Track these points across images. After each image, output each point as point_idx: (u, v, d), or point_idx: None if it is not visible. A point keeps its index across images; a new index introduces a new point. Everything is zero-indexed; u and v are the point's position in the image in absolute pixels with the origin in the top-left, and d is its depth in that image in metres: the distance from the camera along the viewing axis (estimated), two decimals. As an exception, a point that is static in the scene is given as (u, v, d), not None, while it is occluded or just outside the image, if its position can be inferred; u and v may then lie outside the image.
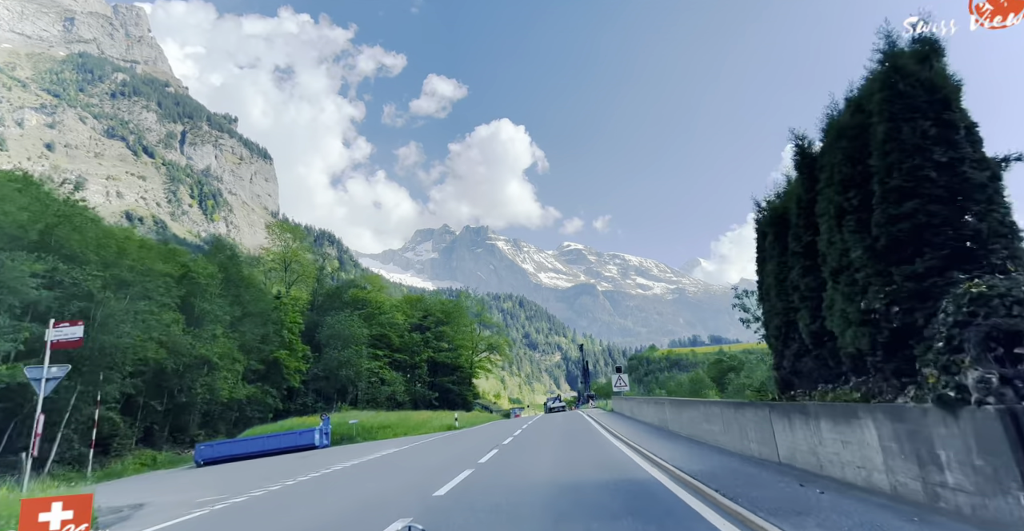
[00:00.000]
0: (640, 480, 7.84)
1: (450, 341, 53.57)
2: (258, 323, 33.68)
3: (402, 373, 50.26)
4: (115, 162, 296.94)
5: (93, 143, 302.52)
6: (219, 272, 31.50)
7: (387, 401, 41.57)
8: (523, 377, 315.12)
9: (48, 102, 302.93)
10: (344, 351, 37.83)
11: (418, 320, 53.83)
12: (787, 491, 6.06)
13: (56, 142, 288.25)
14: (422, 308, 55.41)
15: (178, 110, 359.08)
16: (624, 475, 8.38)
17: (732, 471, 7.82)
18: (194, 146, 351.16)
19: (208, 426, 30.30)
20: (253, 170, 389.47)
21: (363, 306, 48.49)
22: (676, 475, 7.89)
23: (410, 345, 50.65)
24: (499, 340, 59.45)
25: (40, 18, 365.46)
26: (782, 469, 7.43)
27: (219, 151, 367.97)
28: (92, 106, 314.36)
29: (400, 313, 52.47)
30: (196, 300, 28.75)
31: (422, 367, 50.80)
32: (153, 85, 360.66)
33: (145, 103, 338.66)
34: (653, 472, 8.47)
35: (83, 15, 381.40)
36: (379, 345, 49.86)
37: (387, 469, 13.62)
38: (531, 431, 23.05)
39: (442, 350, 52.46)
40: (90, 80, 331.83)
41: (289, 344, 36.38)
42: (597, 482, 7.97)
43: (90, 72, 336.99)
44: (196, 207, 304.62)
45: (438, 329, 53.27)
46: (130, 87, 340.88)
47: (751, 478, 7.11)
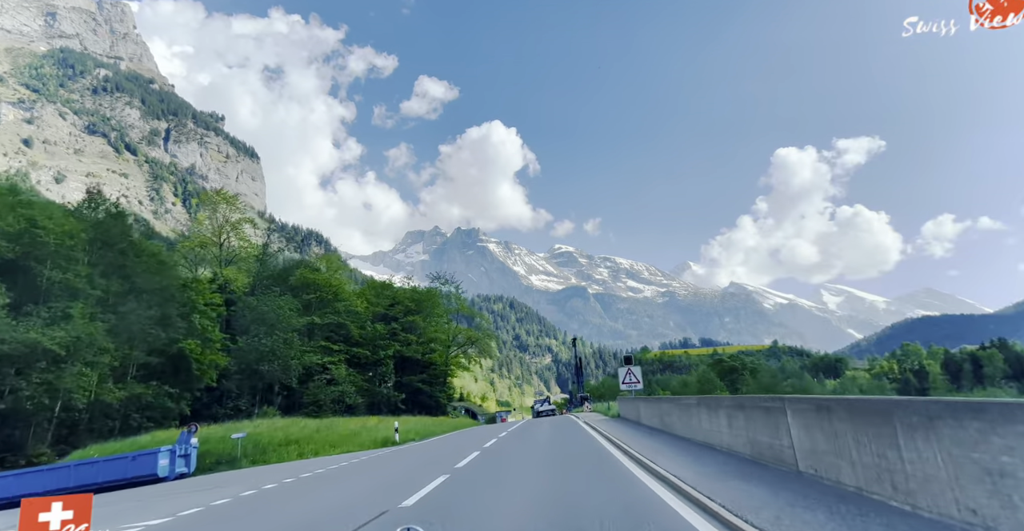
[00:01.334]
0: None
1: (421, 333, 45.03)
2: (154, 303, 25.20)
3: (362, 371, 41.68)
4: (96, 159, 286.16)
5: (73, 139, 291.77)
6: (91, 233, 23.10)
7: (334, 404, 33.04)
8: (513, 379, 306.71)
9: (26, 97, 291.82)
10: (267, 339, 29.03)
11: (383, 309, 45.27)
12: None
13: (34, 138, 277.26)
14: (389, 296, 46.82)
15: (163, 107, 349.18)
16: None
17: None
18: (179, 144, 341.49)
19: (68, 441, 21.61)
20: (240, 169, 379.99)
21: (315, 291, 40.00)
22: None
23: (373, 338, 42.10)
24: (479, 333, 50.88)
25: (21, 12, 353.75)
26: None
27: (204, 149, 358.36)
28: (72, 102, 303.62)
29: (362, 300, 43.92)
30: (43, 267, 20.24)
31: (387, 364, 42.23)
32: (137, 82, 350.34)
33: (128, 99, 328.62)
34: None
35: (66, 10, 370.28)
36: (334, 337, 41.31)
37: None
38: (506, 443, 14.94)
39: (411, 344, 43.95)
40: (71, 75, 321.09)
41: (202, 332, 27.81)
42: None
43: (71, 67, 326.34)
44: (180, 206, 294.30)
45: (407, 319, 44.76)
46: (113, 83, 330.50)
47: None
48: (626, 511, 5.33)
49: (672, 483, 6.51)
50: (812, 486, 5.42)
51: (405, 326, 45.48)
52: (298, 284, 40.24)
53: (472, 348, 50.72)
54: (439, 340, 47.55)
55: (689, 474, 6.83)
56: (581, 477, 8.00)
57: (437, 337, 47.06)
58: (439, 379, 47.38)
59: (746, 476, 6.40)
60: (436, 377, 47.15)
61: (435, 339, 46.98)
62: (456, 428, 30.47)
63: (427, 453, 15.06)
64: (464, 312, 52.39)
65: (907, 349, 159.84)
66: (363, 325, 42.80)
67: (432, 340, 46.51)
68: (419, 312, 46.56)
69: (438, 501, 6.55)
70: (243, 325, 30.83)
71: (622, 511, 5.33)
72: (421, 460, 13.15)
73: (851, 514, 4.25)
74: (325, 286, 40.69)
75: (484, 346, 50.69)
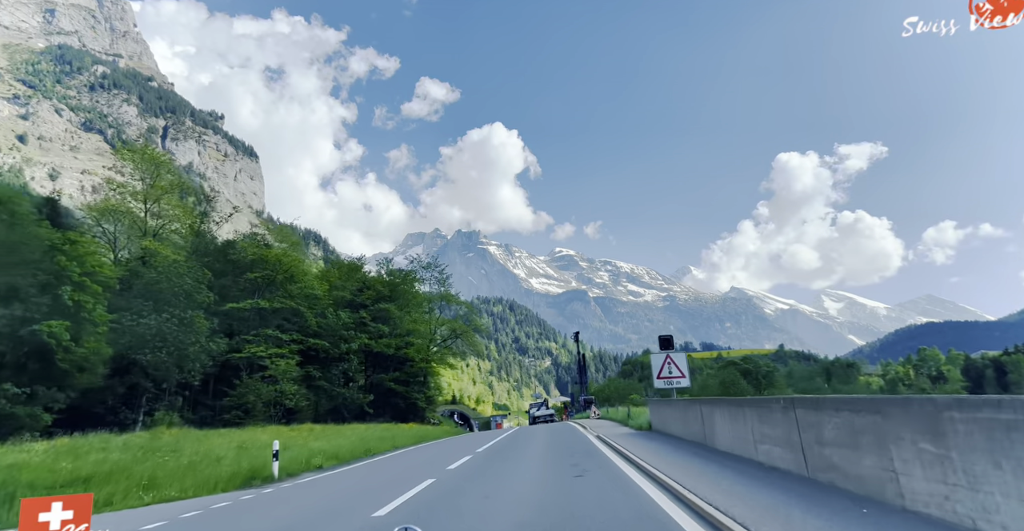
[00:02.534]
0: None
1: (396, 323, 37.29)
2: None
3: (321, 367, 33.99)
4: (92, 156, 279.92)
5: (69, 136, 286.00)
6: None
7: (269, 408, 25.35)
8: (512, 383, 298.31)
9: (22, 93, 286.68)
10: (152, 318, 21.11)
11: (350, 294, 37.55)
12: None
13: (29, 134, 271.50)
14: (358, 279, 39.05)
15: (160, 104, 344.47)
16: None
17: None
18: (176, 141, 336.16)
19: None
20: (238, 168, 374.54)
21: (265, 269, 32.37)
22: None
23: (335, 328, 34.50)
24: (465, 325, 42.93)
25: (19, 9, 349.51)
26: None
27: (202, 147, 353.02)
28: (69, 98, 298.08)
29: (323, 284, 36.27)
30: None
31: (352, 359, 34.61)
32: (135, 79, 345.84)
33: (126, 96, 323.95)
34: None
35: (65, 7, 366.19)
36: (287, 326, 33.65)
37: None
38: (459, 485, 7.36)
39: (383, 336, 36.27)
40: (68, 72, 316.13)
41: (81, 312, 20.25)
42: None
43: (68, 64, 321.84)
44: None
45: (378, 307, 37.05)
46: (110, 80, 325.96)
47: None
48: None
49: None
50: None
51: (376, 315, 37.77)
52: (241, 261, 32.62)
53: (458, 342, 42.83)
54: (418, 332, 39.76)
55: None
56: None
57: (416, 329, 39.26)
58: (417, 378, 39.56)
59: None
60: (413, 376, 39.33)
61: (413, 331, 39.19)
62: (420, 440, 22.66)
63: (271, 517, 7.43)
64: (448, 301, 44.51)
65: (924, 354, 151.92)
66: (323, 312, 35.07)
67: (409, 332, 38.76)
68: (393, 299, 38.83)
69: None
70: (137, 304, 22.93)
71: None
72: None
73: None
74: (275, 264, 32.99)
75: (469, 339, 42.85)
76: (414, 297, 41.15)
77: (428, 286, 43.55)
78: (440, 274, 43.90)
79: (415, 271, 42.31)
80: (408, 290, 41.03)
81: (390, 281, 40.14)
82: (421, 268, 42.56)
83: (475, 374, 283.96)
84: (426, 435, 24.16)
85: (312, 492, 9.22)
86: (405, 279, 40.79)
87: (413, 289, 41.17)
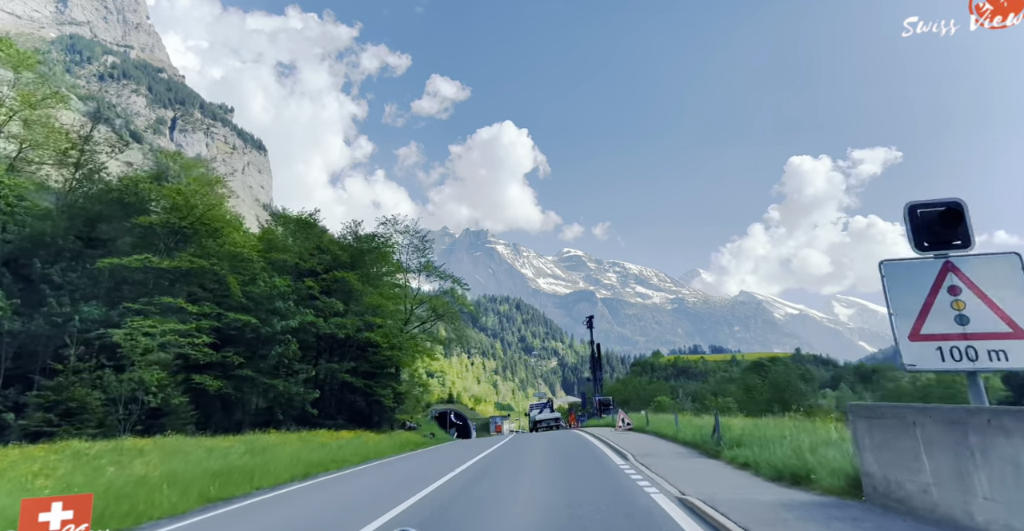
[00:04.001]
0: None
1: (358, 298, 27.76)
2: None
3: (246, 351, 24.68)
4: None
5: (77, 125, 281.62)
6: None
7: (115, 412, 16.20)
8: (517, 382, 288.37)
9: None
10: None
11: (295, 259, 28.04)
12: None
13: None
14: (312, 240, 29.32)
15: (170, 96, 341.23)
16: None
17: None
18: (184, 133, 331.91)
19: None
20: (246, 161, 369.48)
21: (171, 213, 23.25)
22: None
23: (270, 297, 25.22)
24: (448, 303, 33.01)
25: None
26: None
27: (211, 139, 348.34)
28: (78, 87, 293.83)
29: (257, 244, 26.94)
30: None
31: (289, 342, 25.26)
32: (145, 70, 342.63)
33: (135, 87, 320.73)
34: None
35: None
36: (201, 294, 24.39)
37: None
38: None
39: (337, 314, 26.84)
40: (78, 61, 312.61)
41: None
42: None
43: (79, 53, 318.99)
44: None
45: (332, 276, 27.62)
46: (120, 70, 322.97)
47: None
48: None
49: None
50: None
51: (330, 287, 28.37)
52: (134, 204, 23.48)
53: (441, 327, 33.17)
54: (387, 311, 30.15)
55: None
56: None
57: (383, 306, 29.61)
58: (384, 369, 30.06)
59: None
60: (380, 366, 29.81)
61: (381, 309, 29.60)
62: (324, 467, 13.09)
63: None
64: (430, 272, 34.73)
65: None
66: (252, 277, 25.67)
67: (376, 311, 29.15)
68: (354, 267, 29.38)
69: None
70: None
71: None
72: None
73: None
74: (183, 207, 23.68)
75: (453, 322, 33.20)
76: (385, 265, 31.67)
77: (406, 257, 34.07)
78: (422, 243, 34.31)
79: (389, 236, 32.72)
80: (381, 257, 31.56)
81: (353, 246, 30.66)
82: (397, 232, 32.95)
83: (480, 373, 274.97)
84: (345, 458, 14.52)
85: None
86: (372, 244, 31.24)
87: (385, 256, 31.70)
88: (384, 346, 29.13)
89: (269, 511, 7.79)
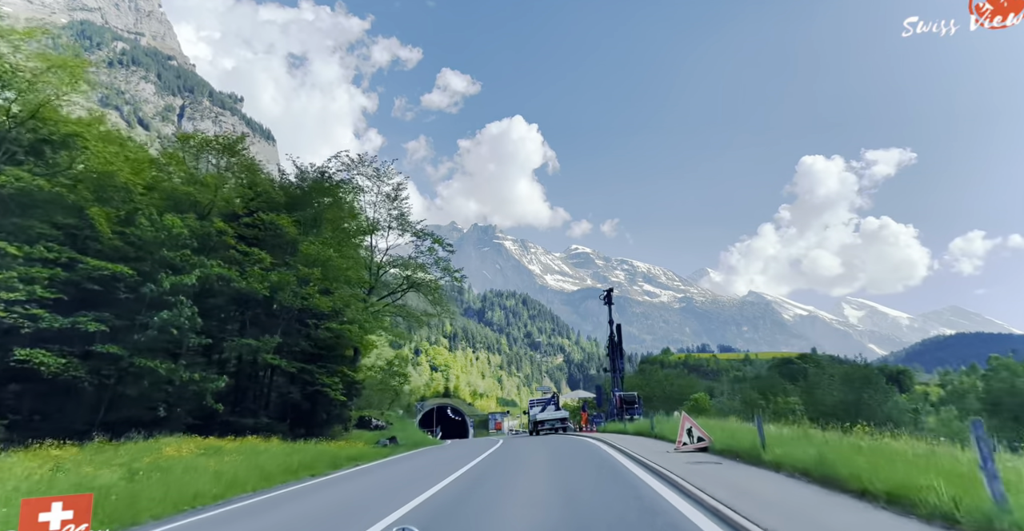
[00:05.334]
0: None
1: (291, 247, 19.37)
2: None
3: (115, 316, 16.78)
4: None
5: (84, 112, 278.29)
6: None
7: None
8: (522, 378, 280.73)
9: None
10: None
11: (209, 197, 19.64)
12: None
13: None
14: (243, 178, 20.93)
15: (179, 83, 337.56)
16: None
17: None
18: (192, 121, 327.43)
19: None
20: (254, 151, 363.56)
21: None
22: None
23: (160, 239, 17.23)
24: (426, 266, 24.64)
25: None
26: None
27: (219, 128, 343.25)
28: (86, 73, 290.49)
29: (145, 165, 19.03)
30: None
31: (183, 305, 17.20)
32: (155, 57, 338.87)
33: (144, 74, 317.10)
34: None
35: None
36: (48, 232, 16.42)
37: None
38: None
39: (263, 268, 18.74)
40: (87, 47, 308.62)
41: None
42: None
43: (88, 39, 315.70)
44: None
45: (260, 218, 19.47)
46: (129, 57, 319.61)
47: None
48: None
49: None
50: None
51: (253, 233, 20.31)
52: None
53: (416, 292, 24.78)
54: (337, 270, 21.70)
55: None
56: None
57: (332, 262, 21.17)
58: (332, 351, 21.91)
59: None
60: (325, 348, 21.67)
61: (329, 266, 21.21)
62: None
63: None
64: (405, 229, 26.29)
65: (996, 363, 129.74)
66: (133, 209, 17.66)
67: (317, 263, 20.69)
68: (292, 208, 21.24)
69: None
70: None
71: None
72: None
73: None
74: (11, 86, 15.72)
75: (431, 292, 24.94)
76: (344, 217, 23.48)
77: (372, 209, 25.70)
78: (395, 191, 25.79)
79: (351, 180, 24.20)
80: (336, 205, 23.34)
81: (293, 185, 22.47)
82: (363, 177, 24.26)
83: (484, 367, 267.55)
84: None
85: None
86: (324, 185, 22.92)
87: (341, 204, 23.48)
88: (328, 312, 20.86)
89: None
